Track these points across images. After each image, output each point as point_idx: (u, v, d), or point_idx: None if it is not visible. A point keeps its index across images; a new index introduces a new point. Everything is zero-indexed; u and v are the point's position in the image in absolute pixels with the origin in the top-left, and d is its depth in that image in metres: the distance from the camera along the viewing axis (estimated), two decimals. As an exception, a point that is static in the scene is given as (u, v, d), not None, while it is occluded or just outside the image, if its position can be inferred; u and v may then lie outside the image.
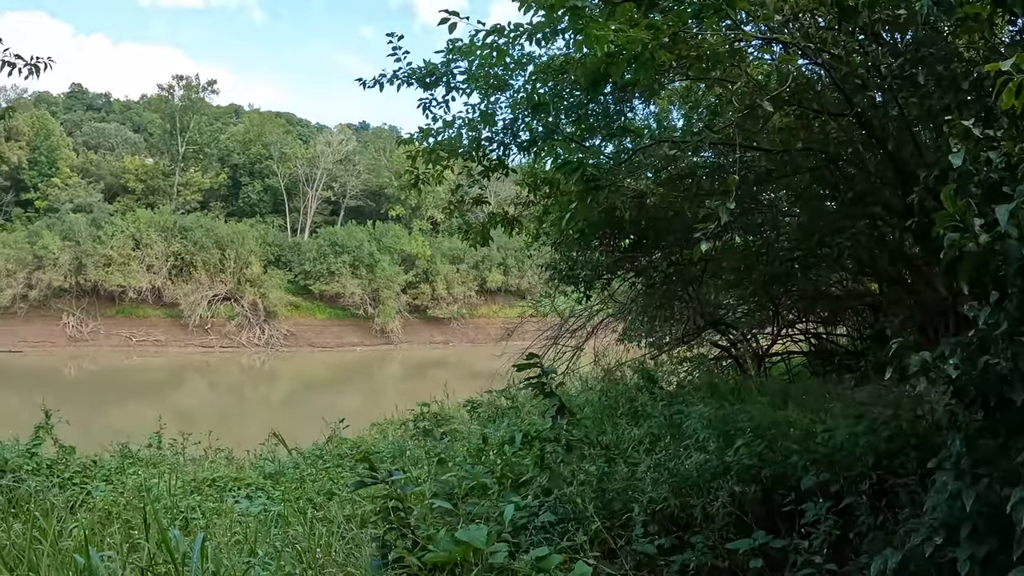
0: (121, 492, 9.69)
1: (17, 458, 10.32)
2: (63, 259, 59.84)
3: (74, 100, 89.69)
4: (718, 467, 5.61)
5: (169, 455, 13.39)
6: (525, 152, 8.33)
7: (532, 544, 4.83)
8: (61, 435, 11.86)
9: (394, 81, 7.98)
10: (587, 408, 9.29)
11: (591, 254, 10.61)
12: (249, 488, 10.77)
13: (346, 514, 7.65)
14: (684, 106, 9.52)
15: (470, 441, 10.14)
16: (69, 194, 69.69)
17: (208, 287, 63.70)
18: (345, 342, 66.30)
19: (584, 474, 5.81)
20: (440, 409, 14.95)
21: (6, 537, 5.96)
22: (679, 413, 7.50)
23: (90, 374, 52.42)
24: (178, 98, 79.21)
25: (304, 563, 5.79)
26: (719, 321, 11.66)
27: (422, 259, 70.38)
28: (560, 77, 7.48)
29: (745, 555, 4.96)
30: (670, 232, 9.47)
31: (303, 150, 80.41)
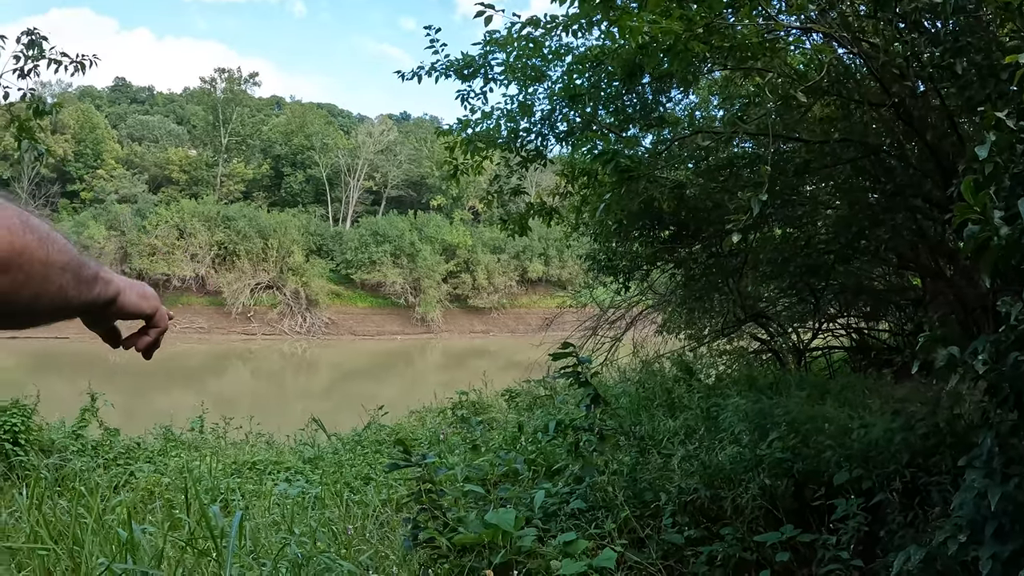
0: (163, 473, 9.91)
1: (63, 439, 10.61)
2: (108, 248, 60.85)
3: (118, 94, 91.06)
4: (751, 460, 5.57)
5: (211, 439, 13.66)
6: (563, 143, 8.36)
7: (561, 530, 4.88)
8: (106, 418, 12.16)
9: (432, 73, 8.04)
10: (623, 399, 9.30)
11: (630, 245, 10.58)
12: (288, 471, 10.96)
13: (382, 498, 7.77)
14: (722, 96, 9.47)
15: (506, 429, 10.21)
16: (114, 185, 70.89)
17: (251, 276, 64.42)
18: (386, 331, 66.68)
19: (617, 463, 5.83)
20: (478, 398, 15.06)
21: (52, 513, 6.13)
22: (715, 406, 7.48)
23: (133, 360, 52.27)
24: (220, 90, 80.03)
25: (338, 542, 5.90)
26: (759, 314, 11.55)
27: (463, 249, 70.51)
28: (597, 68, 7.48)
29: (773, 548, 4.93)
30: (710, 223, 9.41)
31: (344, 141, 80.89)
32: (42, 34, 7.33)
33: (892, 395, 7.71)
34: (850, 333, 12.68)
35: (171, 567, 4.89)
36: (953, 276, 8.57)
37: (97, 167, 72.37)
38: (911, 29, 6.46)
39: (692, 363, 11.56)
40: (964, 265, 7.84)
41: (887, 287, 11.45)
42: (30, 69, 7.29)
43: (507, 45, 7.58)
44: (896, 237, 8.45)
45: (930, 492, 4.92)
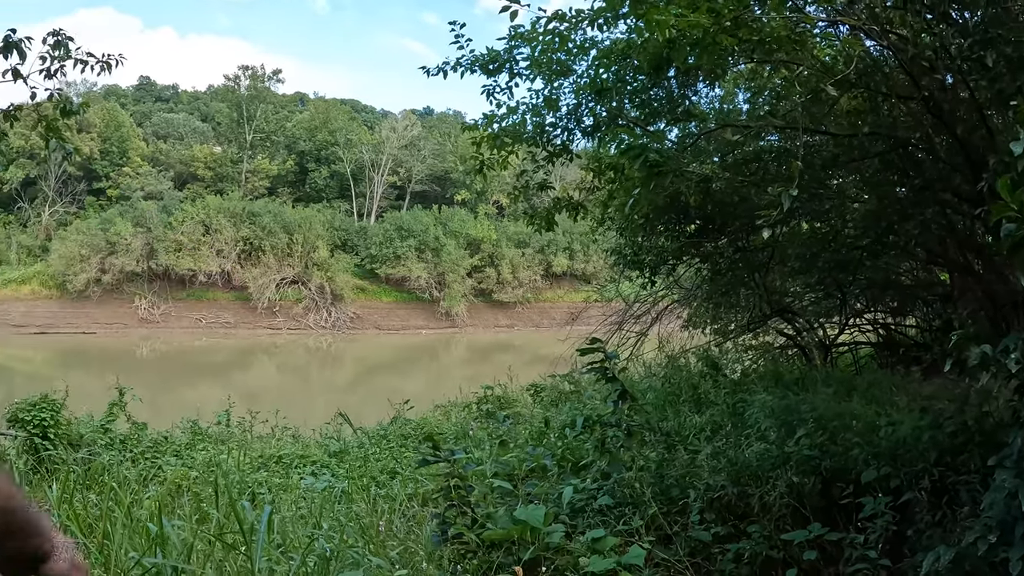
0: (191, 467, 10.00)
1: (92, 433, 10.72)
2: (135, 244, 61.67)
3: (143, 92, 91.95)
4: (778, 457, 5.52)
5: (237, 432, 13.77)
6: (589, 137, 8.31)
7: (588, 526, 4.88)
8: (133, 412, 12.29)
9: (457, 69, 8.02)
10: (650, 394, 9.29)
11: (656, 239, 10.54)
12: (314, 465, 11.04)
13: (408, 492, 7.80)
14: (749, 89, 9.40)
15: (532, 424, 10.22)
16: (140, 182, 71.79)
17: (276, 271, 64.88)
18: (411, 325, 66.92)
19: (643, 459, 5.82)
20: (504, 392, 15.07)
21: (82, 507, 6.21)
22: (742, 402, 7.44)
23: (161, 354, 53.85)
24: (244, 87, 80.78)
25: (366, 537, 5.93)
26: (785, 309, 11.46)
27: (488, 243, 70.59)
28: (623, 62, 7.44)
29: (800, 546, 4.89)
30: (736, 217, 9.36)
31: (368, 136, 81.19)
32: (68, 35, 7.40)
33: (920, 392, 7.63)
34: (877, 328, 12.54)
35: (200, 561, 4.93)
36: (982, 272, 8.47)
37: (123, 165, 73.24)
38: (939, 20, 6.39)
39: (718, 358, 11.50)
40: (993, 261, 7.75)
41: (914, 282, 11.33)
42: (56, 69, 7.36)
43: (532, 40, 7.56)
44: (925, 232, 8.36)
45: (958, 491, 4.85)
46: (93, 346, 54.13)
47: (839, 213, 9.51)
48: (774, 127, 7.79)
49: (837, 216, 9.48)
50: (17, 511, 1.42)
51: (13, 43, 7.08)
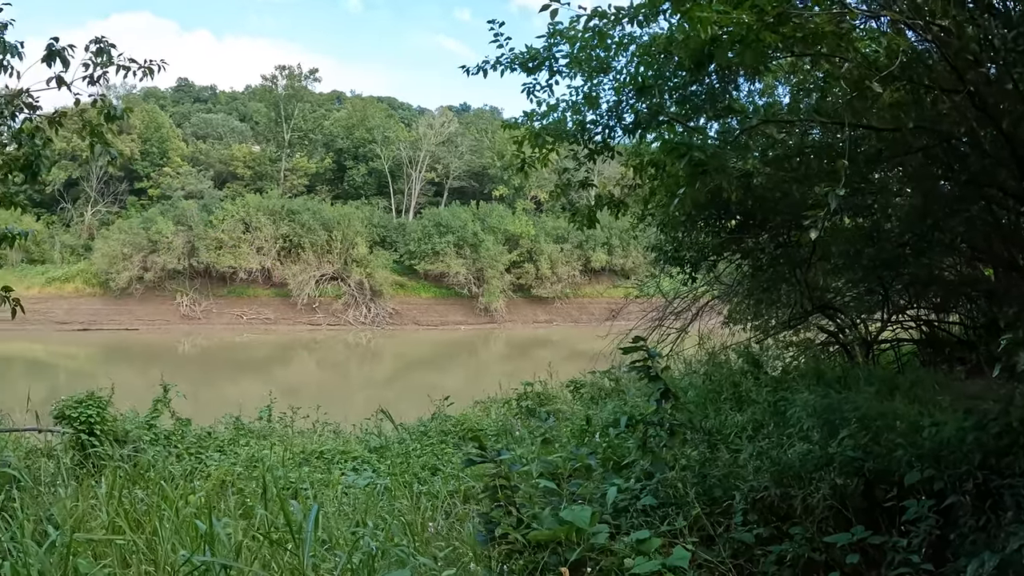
0: (234, 462, 10.11)
1: (137, 429, 10.87)
2: (176, 243, 62.59)
3: (181, 94, 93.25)
4: (821, 458, 5.45)
5: (278, 428, 13.91)
6: (630, 134, 8.28)
7: (632, 527, 4.87)
8: (176, 407, 12.47)
9: (497, 67, 8.02)
10: (690, 392, 9.24)
11: (697, 235, 10.49)
12: (355, 461, 11.11)
13: (449, 489, 7.82)
14: (789, 83, 9.30)
15: (573, 422, 10.21)
16: (180, 182, 72.97)
17: (316, 267, 65.46)
18: (449, 321, 67.16)
19: (686, 459, 5.79)
20: (543, 389, 15.07)
21: (129, 503, 6.30)
22: (783, 400, 7.38)
23: (203, 350, 54.56)
24: (281, 87, 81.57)
25: (409, 535, 5.97)
26: (827, 305, 11.32)
27: (526, 238, 70.60)
28: (665, 59, 7.40)
29: (843, 549, 4.81)
30: (777, 213, 9.28)
31: (405, 133, 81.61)
32: (110, 42, 7.51)
33: (964, 392, 7.52)
34: (920, 325, 12.35)
35: (248, 559, 4.99)
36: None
37: (163, 165, 74.46)
38: (983, 11, 6.28)
39: (759, 355, 11.40)
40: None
41: (958, 278, 11.13)
42: (99, 76, 7.48)
43: (572, 38, 7.54)
44: (970, 228, 8.24)
45: (1003, 495, 4.75)
46: (136, 342, 55.02)
47: (882, 208, 9.40)
48: (817, 122, 7.71)
49: (880, 211, 9.37)
50: None
51: (56, 51, 7.20)
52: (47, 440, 10.47)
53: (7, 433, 10.20)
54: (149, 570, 4.97)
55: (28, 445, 10.16)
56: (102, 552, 5.21)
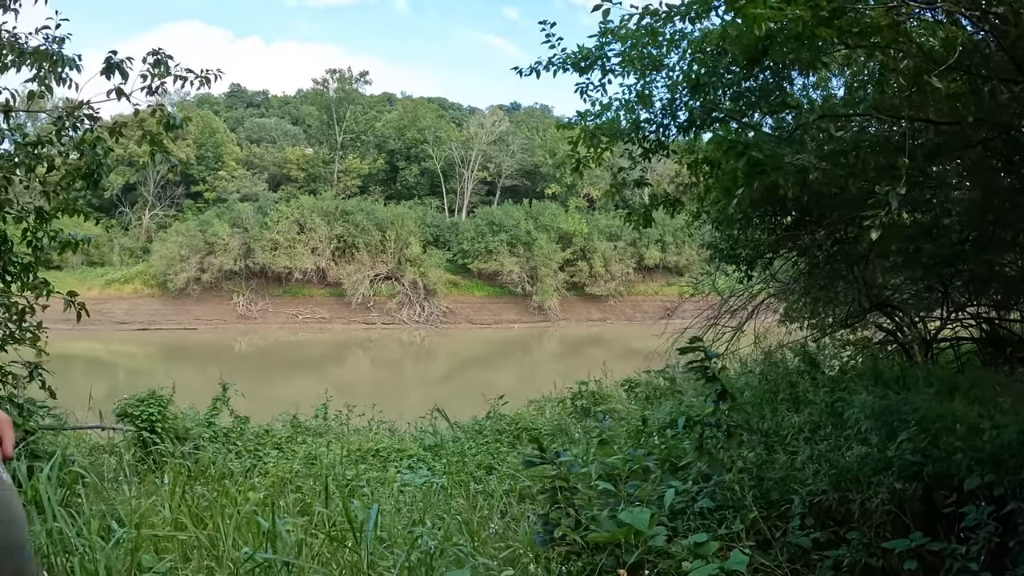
0: (291, 460, 10.26)
1: (197, 427, 11.08)
2: (232, 244, 63.81)
3: (234, 99, 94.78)
4: (879, 461, 5.31)
5: (334, 426, 14.06)
6: (684, 132, 8.23)
7: (689, 529, 4.85)
8: (233, 405, 12.70)
9: (550, 68, 8.03)
10: (746, 392, 9.14)
11: (752, 232, 10.37)
12: (411, 459, 11.19)
13: (505, 488, 7.85)
14: (843, 75, 9.15)
15: (628, 422, 10.17)
16: (235, 185, 74.27)
17: (370, 267, 66.13)
18: (503, 319, 67.32)
19: (743, 461, 5.73)
20: (597, 388, 15.04)
21: (190, 500, 6.44)
22: (840, 401, 7.26)
23: (259, 349, 55.41)
24: (333, 90, 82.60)
25: (467, 534, 6.01)
26: (885, 303, 11.10)
27: (579, 236, 70.49)
28: (717, 56, 7.34)
29: (900, 555, 4.70)
30: (834, 209, 9.14)
31: (457, 133, 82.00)
32: (167, 53, 7.68)
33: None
34: (980, 323, 12.03)
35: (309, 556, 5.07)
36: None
37: (218, 168, 75.88)
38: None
39: (815, 354, 11.23)
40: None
41: (1019, 274, 10.83)
42: (157, 86, 7.65)
43: (624, 37, 7.51)
44: (1033, 223, 8.03)
45: (1066, 503, 4.64)
46: (194, 341, 56.07)
47: (941, 203, 9.22)
48: (875, 116, 7.59)
49: (939, 207, 9.19)
50: None
51: (115, 64, 7.37)
52: (109, 437, 10.72)
53: (71, 431, 10.45)
54: (211, 566, 5.07)
55: (91, 442, 10.41)
56: (164, 547, 5.34)
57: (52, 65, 7.49)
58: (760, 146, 6.94)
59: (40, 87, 7.58)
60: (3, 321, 7.93)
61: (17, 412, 7.83)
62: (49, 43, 7.50)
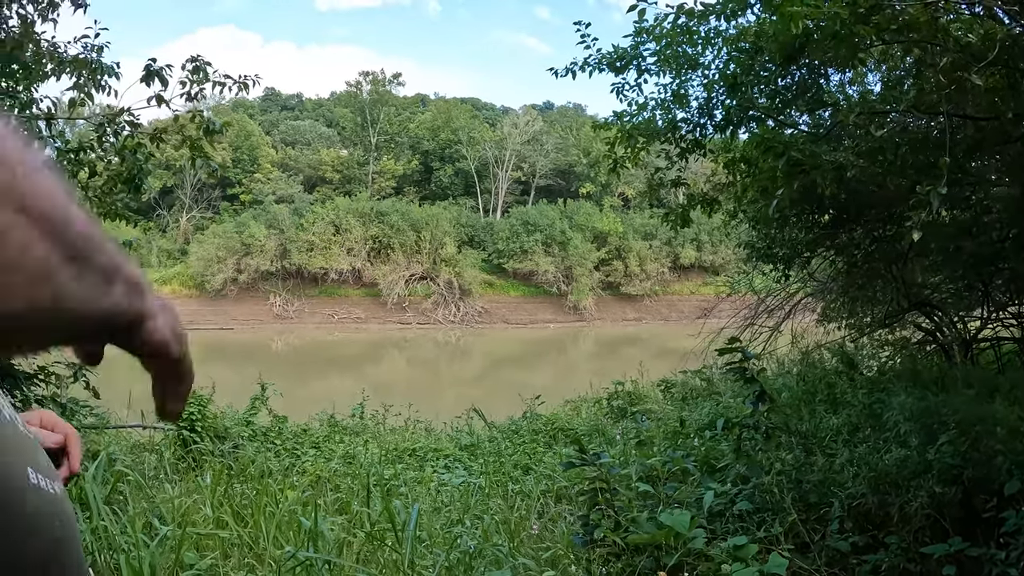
0: (329, 459, 10.35)
1: (236, 426, 11.21)
2: (269, 245, 64.30)
3: (269, 102, 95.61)
4: (919, 464, 5.24)
5: (371, 425, 14.15)
6: (721, 131, 8.21)
7: (728, 531, 4.84)
8: (271, 404, 12.83)
9: (585, 68, 8.05)
10: (784, 393, 9.09)
11: (789, 231, 10.30)
12: (447, 459, 11.23)
13: (542, 489, 7.86)
14: (880, 70, 9.05)
15: (665, 423, 10.15)
16: (271, 187, 74.94)
17: (405, 267, 66.37)
18: (538, 319, 67.23)
19: (781, 463, 5.70)
20: (634, 388, 15.00)
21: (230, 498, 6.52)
22: (879, 402, 7.20)
23: (295, 348, 55.80)
24: (366, 92, 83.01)
25: (506, 534, 6.04)
26: (924, 302, 10.94)
27: (614, 236, 70.21)
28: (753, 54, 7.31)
29: (939, 561, 4.64)
30: (872, 207, 9.05)
31: (490, 133, 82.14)
32: (206, 60, 7.79)
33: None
34: (1021, 323, 11.82)
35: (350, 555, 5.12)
36: None
37: (254, 171, 76.57)
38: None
39: (853, 354, 11.12)
40: None
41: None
42: (196, 93, 7.76)
43: (659, 37, 7.51)
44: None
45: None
46: (231, 341, 56.56)
47: (980, 201, 9.09)
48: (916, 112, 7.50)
49: (979, 204, 9.06)
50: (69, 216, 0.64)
51: (155, 71, 7.49)
52: (150, 436, 10.88)
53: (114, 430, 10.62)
54: (252, 563, 5.14)
55: (131, 441, 10.58)
56: (205, 544, 5.41)
57: (91, 73, 7.66)
58: (799, 145, 6.89)
59: (80, 95, 7.73)
60: (47, 323, 8.06)
61: (60, 411, 7.97)
62: (88, 51, 7.67)
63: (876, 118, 7.93)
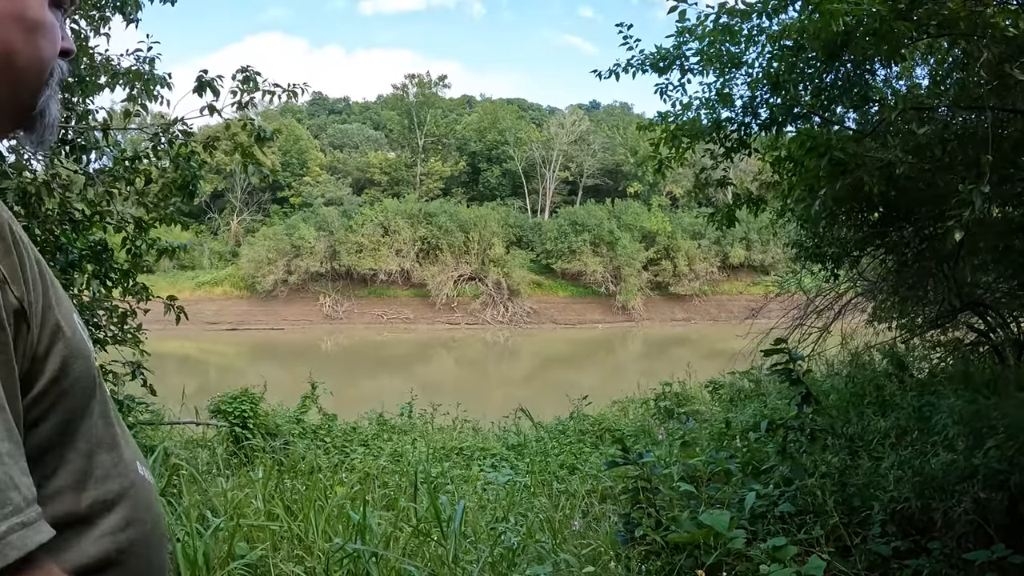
0: (377, 456, 10.50)
1: (286, 423, 11.43)
2: (318, 247, 65.19)
3: (316, 107, 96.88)
4: (965, 469, 5.12)
5: (419, 424, 14.30)
6: (766, 130, 8.16)
7: (769, 533, 4.82)
8: (321, 402, 13.07)
9: (628, 70, 8.05)
10: (832, 395, 9.00)
11: (838, 230, 10.18)
12: (494, 458, 11.32)
13: (587, 488, 7.90)
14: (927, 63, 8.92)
15: (712, 424, 10.12)
16: (320, 190, 75.96)
17: (453, 268, 66.73)
18: (587, 319, 67.14)
19: (826, 465, 5.66)
20: (681, 389, 14.96)
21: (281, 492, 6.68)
22: (928, 405, 7.09)
23: (344, 348, 56.37)
24: (412, 95, 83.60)
25: (549, 531, 6.09)
26: (976, 302, 10.70)
27: (662, 235, 69.85)
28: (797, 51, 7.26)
29: (981, 567, 4.54)
30: (922, 204, 8.92)
31: (537, 134, 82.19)
32: (256, 70, 7.97)
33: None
34: (1076, 324, 11.53)
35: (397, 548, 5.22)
36: None
37: (303, 175, 77.66)
38: None
39: (903, 356, 10.94)
40: None
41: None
42: (247, 102, 7.95)
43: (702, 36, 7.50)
44: None
45: None
46: (281, 341, 57.43)
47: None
48: (959, 107, 7.40)
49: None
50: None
51: (206, 82, 7.68)
52: (203, 432, 11.16)
53: (168, 426, 10.91)
54: (301, 554, 5.27)
55: (185, 436, 10.86)
56: (255, 536, 5.55)
57: (144, 84, 7.89)
58: (842, 144, 6.83)
59: (134, 106, 7.97)
60: (106, 323, 8.32)
61: (118, 407, 8.19)
62: (141, 63, 7.91)
63: (922, 114, 7.83)
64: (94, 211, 7.92)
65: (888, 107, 7.69)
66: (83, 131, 7.91)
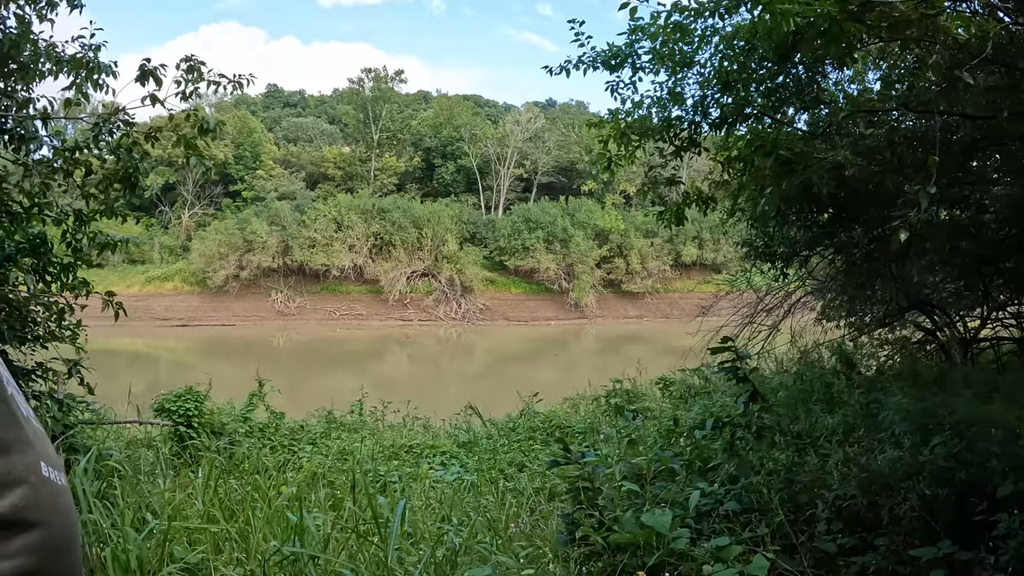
0: (326, 455, 10.37)
1: (232, 422, 11.26)
2: (271, 242, 64.71)
3: (271, 99, 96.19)
4: (911, 466, 5.15)
5: (369, 422, 14.19)
6: (717, 129, 8.18)
7: (714, 532, 4.79)
8: (270, 400, 12.88)
9: (579, 67, 8.02)
10: (780, 392, 9.06)
11: (788, 229, 10.25)
12: (444, 456, 11.29)
13: (535, 487, 7.86)
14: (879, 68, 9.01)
15: (661, 421, 10.14)
16: (273, 184, 75.39)
17: (407, 264, 66.55)
18: (540, 316, 67.32)
19: (772, 463, 5.66)
20: (632, 386, 15.00)
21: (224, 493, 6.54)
22: (876, 402, 7.15)
23: (297, 345, 55.93)
24: (368, 89, 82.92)
25: (493, 532, 6.03)
26: (923, 302, 10.88)
27: (616, 233, 70.25)
28: (748, 52, 7.28)
29: (928, 563, 4.56)
30: (871, 205, 9.01)
31: (492, 130, 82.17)
32: (200, 59, 7.81)
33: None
34: (1021, 323, 11.74)
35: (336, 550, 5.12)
36: None
37: (256, 168, 76.95)
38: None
39: (852, 353, 11.07)
40: None
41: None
42: (191, 92, 7.77)
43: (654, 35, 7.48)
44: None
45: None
46: (233, 337, 56.82)
47: (979, 200, 9.05)
48: (909, 110, 7.47)
49: (977, 203, 9.02)
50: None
51: (149, 71, 7.51)
52: (147, 431, 10.93)
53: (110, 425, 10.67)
54: (241, 557, 5.16)
55: (129, 436, 10.62)
56: (196, 539, 5.44)
57: (88, 72, 7.67)
58: (790, 144, 6.86)
59: (77, 94, 7.74)
60: (43, 320, 8.09)
61: (56, 407, 8.00)
62: (86, 51, 7.69)
63: (872, 117, 7.90)
64: (32, 203, 7.69)
65: (838, 109, 7.76)
66: (23, 120, 7.68)
